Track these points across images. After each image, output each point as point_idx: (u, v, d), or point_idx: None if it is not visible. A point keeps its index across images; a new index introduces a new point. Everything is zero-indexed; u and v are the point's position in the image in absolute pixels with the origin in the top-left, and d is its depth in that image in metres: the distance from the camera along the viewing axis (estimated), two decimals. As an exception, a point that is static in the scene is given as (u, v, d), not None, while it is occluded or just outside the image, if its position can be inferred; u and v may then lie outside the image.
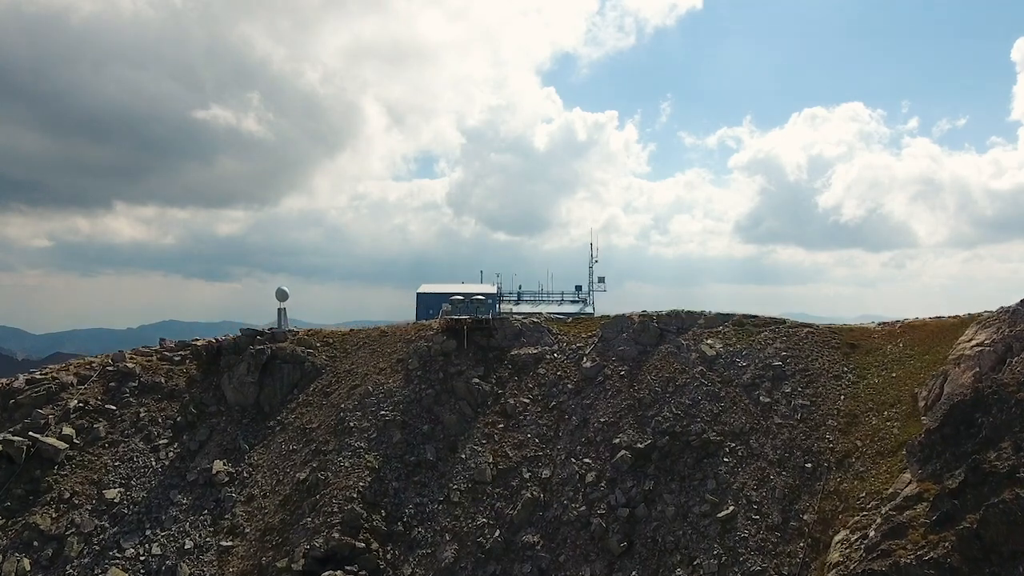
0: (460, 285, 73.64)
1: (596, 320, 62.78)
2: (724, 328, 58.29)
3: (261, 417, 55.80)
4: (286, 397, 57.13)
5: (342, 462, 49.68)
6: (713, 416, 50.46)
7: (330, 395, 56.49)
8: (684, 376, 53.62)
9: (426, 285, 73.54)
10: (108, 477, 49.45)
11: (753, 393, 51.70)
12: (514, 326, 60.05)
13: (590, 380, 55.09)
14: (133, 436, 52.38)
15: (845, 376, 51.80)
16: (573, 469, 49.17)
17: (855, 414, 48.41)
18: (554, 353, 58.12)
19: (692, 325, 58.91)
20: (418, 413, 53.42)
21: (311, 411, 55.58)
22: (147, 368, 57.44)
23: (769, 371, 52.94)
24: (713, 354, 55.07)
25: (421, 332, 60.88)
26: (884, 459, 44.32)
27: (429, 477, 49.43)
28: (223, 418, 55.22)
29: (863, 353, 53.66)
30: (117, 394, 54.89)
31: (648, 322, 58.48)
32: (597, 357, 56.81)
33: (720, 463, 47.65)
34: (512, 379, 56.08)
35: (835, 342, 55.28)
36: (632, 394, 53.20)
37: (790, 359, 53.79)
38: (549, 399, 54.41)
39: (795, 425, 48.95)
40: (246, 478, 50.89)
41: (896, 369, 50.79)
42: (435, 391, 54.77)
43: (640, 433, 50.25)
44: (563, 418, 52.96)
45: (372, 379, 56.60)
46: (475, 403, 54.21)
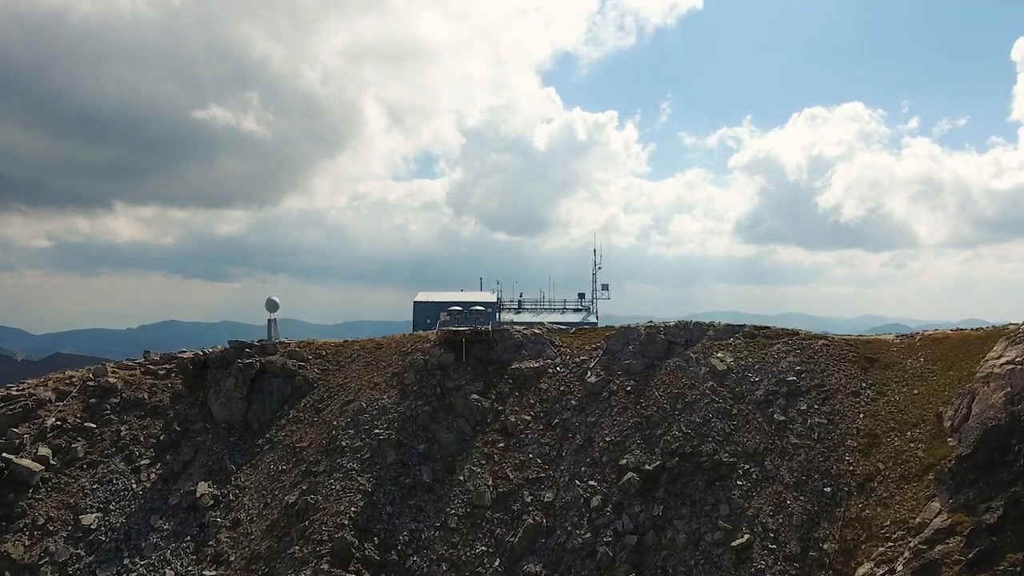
0: (459, 293, 70.99)
1: (600, 331, 60.08)
2: (735, 340, 55.60)
3: (249, 435, 53.10)
4: (276, 413, 54.43)
5: (333, 484, 46.97)
6: (725, 435, 47.80)
7: (322, 411, 53.80)
8: (694, 392, 50.94)
9: (423, 293, 70.85)
10: (85, 501, 46.79)
11: (767, 410, 49.04)
12: (514, 338, 57.34)
13: (595, 396, 52.41)
14: (113, 456, 49.71)
15: (864, 392, 49.14)
16: (577, 492, 46.50)
17: (876, 434, 45.75)
18: (557, 367, 55.43)
19: (701, 337, 56.22)
20: (414, 431, 50.72)
21: (302, 428, 52.88)
22: (130, 383, 54.75)
23: (783, 387, 50.29)
24: (724, 368, 52.38)
25: (417, 344, 58.19)
26: (909, 484, 41.66)
27: (425, 501, 46.73)
28: (209, 436, 52.53)
29: (882, 368, 50.98)
30: (97, 411, 52.21)
31: (655, 334, 55.80)
32: (602, 371, 54.13)
33: (733, 486, 44.99)
34: (513, 394, 53.40)
35: (852, 355, 52.60)
36: (639, 411, 50.53)
37: (805, 374, 51.13)
38: (552, 416, 51.73)
39: (812, 445, 46.29)
40: (232, 501, 48.19)
41: (918, 385, 48.10)
42: (432, 408, 52.07)
43: (648, 453, 47.58)
44: (566, 437, 50.28)
45: (366, 394, 53.90)
46: (474, 420, 51.53)
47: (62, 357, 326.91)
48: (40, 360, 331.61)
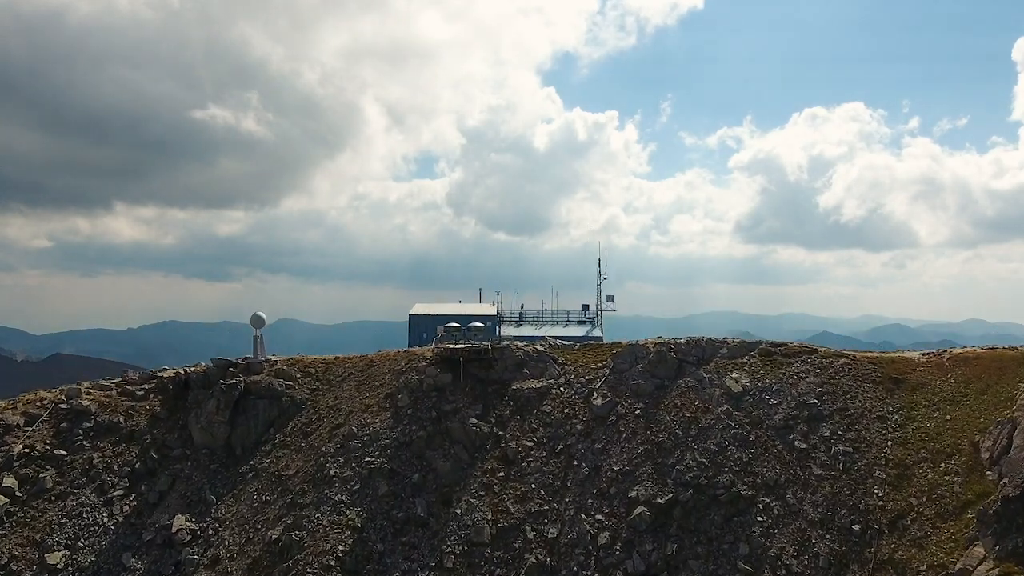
0: (457, 305, 67.65)
1: (606, 348, 56.62)
2: (750, 359, 52.16)
3: (232, 461, 49.68)
4: (261, 438, 51.00)
5: (320, 519, 43.55)
6: (742, 465, 44.37)
7: (310, 436, 50.39)
8: (708, 416, 47.52)
9: (420, 305, 67.47)
10: (52, 537, 43.41)
11: (787, 437, 45.59)
12: (515, 356, 53.89)
13: (601, 420, 48.98)
14: (84, 487, 46.34)
15: (891, 417, 45.70)
16: (584, 528, 43.04)
17: (906, 464, 42.31)
18: (560, 387, 52.00)
19: (714, 355, 52.79)
20: (408, 459, 47.29)
21: (288, 455, 49.45)
22: (105, 405, 51.36)
23: (804, 410, 46.85)
24: (739, 390, 48.96)
25: (412, 362, 54.74)
26: (945, 523, 38.23)
27: (419, 537, 43.29)
28: (188, 463, 49.10)
29: (909, 390, 47.54)
30: (69, 437, 48.84)
31: (665, 352, 52.35)
32: (609, 392, 50.68)
33: (753, 523, 41.55)
34: (514, 418, 49.96)
35: (876, 375, 49.17)
36: (649, 437, 47.09)
37: (827, 396, 47.69)
38: (555, 442, 48.30)
39: (837, 477, 42.85)
40: (211, 536, 44.76)
41: (950, 410, 44.65)
42: (427, 433, 48.62)
43: (660, 485, 44.14)
44: (571, 465, 46.86)
45: (357, 417, 50.49)
46: (472, 447, 48.10)
47: (62, 358, 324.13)
48: (40, 360, 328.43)
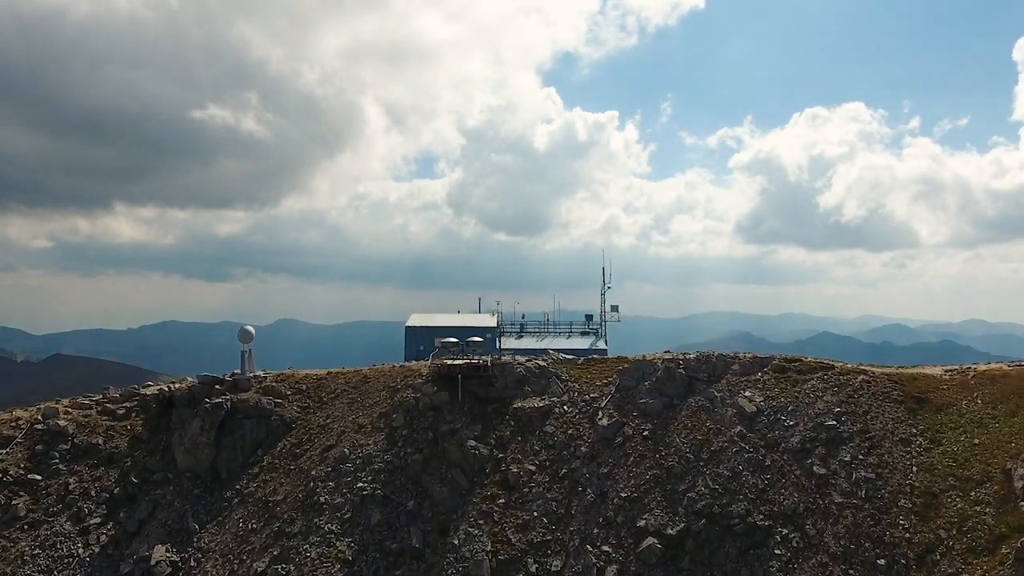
0: (455, 316, 65.03)
1: (612, 363, 53.94)
2: (763, 375, 49.55)
3: (217, 486, 47.03)
4: (248, 460, 48.36)
5: (308, 551, 40.92)
6: (758, 492, 41.74)
7: (299, 458, 47.75)
8: (720, 439, 44.89)
9: (416, 316, 64.79)
10: (24, 571, 40.75)
11: (805, 462, 42.96)
12: (516, 372, 51.26)
13: (607, 442, 46.35)
14: (59, 515, 43.68)
15: (915, 441, 43.09)
16: (589, 560, 40.41)
17: (933, 493, 39.70)
18: (564, 405, 49.36)
19: (725, 371, 50.16)
20: (402, 484, 44.65)
21: (277, 478, 46.81)
22: (83, 426, 48.71)
23: (822, 432, 44.23)
24: (753, 410, 46.35)
25: (408, 378, 52.11)
26: (978, 559, 35.65)
27: (414, 571, 40.64)
28: (170, 488, 46.44)
29: (933, 410, 44.93)
30: (44, 460, 46.19)
31: (674, 369, 49.72)
32: (615, 412, 48.07)
33: (771, 556, 38.93)
34: (515, 439, 47.32)
35: (897, 394, 46.57)
36: (658, 461, 44.47)
37: (846, 417, 45.08)
38: (559, 465, 45.66)
39: (859, 506, 40.23)
40: (192, 568, 42.10)
41: (978, 434, 42.04)
42: (423, 456, 45.98)
43: (670, 514, 41.51)
44: (576, 491, 44.21)
45: (349, 439, 47.87)
46: (471, 471, 45.45)
47: (62, 358, 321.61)
48: (40, 361, 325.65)
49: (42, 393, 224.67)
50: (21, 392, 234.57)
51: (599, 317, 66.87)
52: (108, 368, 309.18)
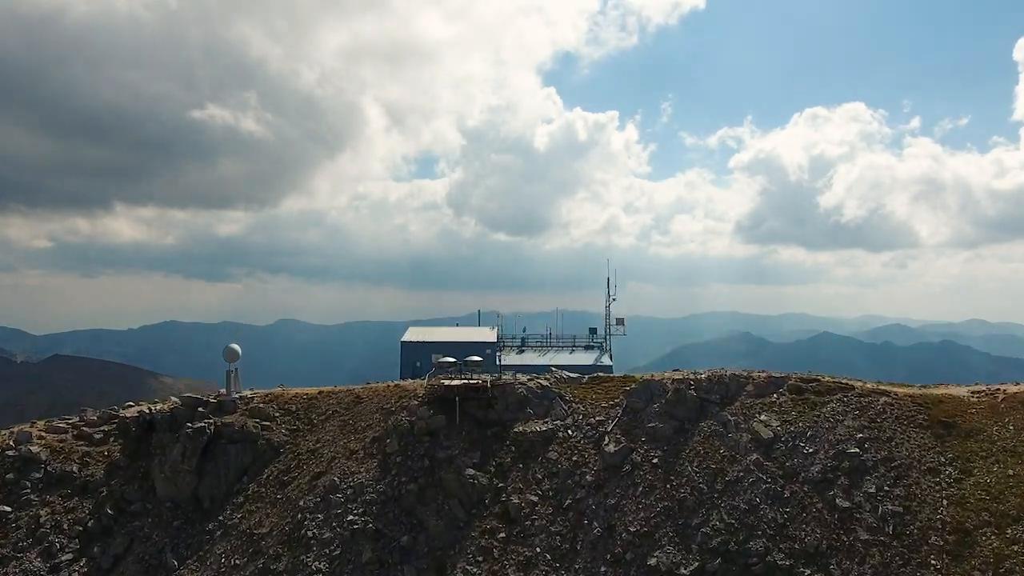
0: (453, 330, 62.25)
1: (618, 382, 51.08)
2: (779, 397, 46.72)
3: (198, 516, 44.19)
4: (232, 488, 45.52)
5: (294, 591, 38.09)
6: (777, 528, 38.93)
7: (287, 486, 44.93)
8: (735, 468, 42.07)
9: (413, 330, 61.91)
10: (-12, 613, 37.94)
11: (827, 493, 40.15)
12: (517, 393, 48.42)
13: (615, 470, 43.54)
14: (28, 550, 40.89)
15: (944, 471, 40.28)
16: (597, 602, 37.62)
17: (966, 529, 36.91)
18: (568, 429, 46.54)
19: (739, 393, 47.35)
20: (396, 517, 41.83)
21: (262, 508, 43.98)
22: (58, 452, 45.90)
23: (844, 461, 41.43)
24: (770, 436, 43.54)
25: (403, 399, 49.27)
26: (1020, 606, 32.88)
27: (408, 614, 37.82)
28: (148, 520, 43.61)
29: (962, 437, 42.10)
30: (15, 490, 43.41)
31: (684, 390, 46.90)
32: (622, 437, 45.24)
33: (792, 599, 36.12)
34: (516, 467, 44.49)
35: (922, 418, 43.73)
36: (669, 492, 41.64)
37: (869, 443, 42.27)
38: (563, 495, 42.83)
39: (887, 543, 37.43)
40: (171, 609, 39.30)
41: (1011, 463, 39.24)
42: (418, 485, 43.16)
43: (683, 551, 38.69)
44: (581, 523, 41.38)
45: (340, 466, 45.04)
46: (469, 502, 42.62)
47: (61, 359, 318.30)
48: (40, 361, 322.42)
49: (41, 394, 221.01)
50: (20, 393, 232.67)
51: (603, 330, 64.03)
52: (108, 369, 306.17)
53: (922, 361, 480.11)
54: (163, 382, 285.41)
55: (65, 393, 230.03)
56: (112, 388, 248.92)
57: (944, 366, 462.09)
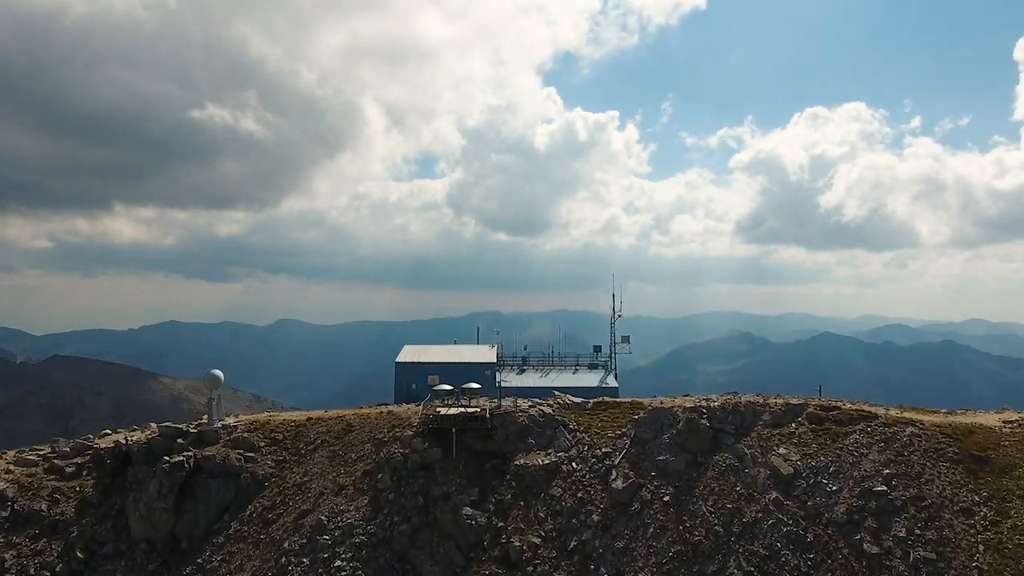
0: (451, 349, 59.13)
1: (624, 408, 48.02)
2: (797, 427, 43.73)
3: (176, 559, 41.14)
4: (212, 526, 42.47)
5: (276, 648, 35.07)
6: (801, 576, 35.92)
7: (271, 524, 41.89)
8: (753, 508, 39.07)
9: (408, 350, 58.82)
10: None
11: (853, 537, 37.16)
12: (518, 422, 45.40)
13: (623, 508, 40.52)
14: (-10, 599, 37.78)
15: (978, 511, 37.33)
16: (605, 660, 34.60)
17: (1006, 579, 33.95)
18: (572, 462, 43.52)
19: (754, 422, 44.35)
20: (387, 562, 38.82)
21: (244, 550, 40.93)
22: (26, 487, 42.81)
23: (870, 500, 38.45)
24: (790, 471, 40.53)
25: (396, 428, 46.23)
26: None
27: (399, 673, 34.82)
28: (122, 563, 40.58)
29: (996, 473, 39.15)
30: (-22, 531, 40.25)
31: (696, 420, 43.88)
32: (631, 471, 42.23)
33: (819, 659, 33.14)
34: (516, 504, 41.47)
35: (953, 452, 40.79)
36: (682, 534, 38.62)
37: (896, 480, 39.29)
38: (567, 536, 39.80)
39: (921, 595, 34.44)
40: (143, 665, 36.27)
41: (1053, 505, 36.24)
42: (411, 526, 40.16)
43: (698, 602, 35.66)
44: (587, 568, 38.37)
45: (328, 503, 42.02)
46: (466, 544, 39.61)
47: (61, 359, 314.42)
48: (40, 362, 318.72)
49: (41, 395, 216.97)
50: (19, 395, 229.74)
51: (608, 347, 60.99)
52: (108, 369, 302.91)
53: (923, 361, 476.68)
54: (163, 383, 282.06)
55: (65, 394, 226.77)
56: (112, 389, 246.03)
57: (945, 366, 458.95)
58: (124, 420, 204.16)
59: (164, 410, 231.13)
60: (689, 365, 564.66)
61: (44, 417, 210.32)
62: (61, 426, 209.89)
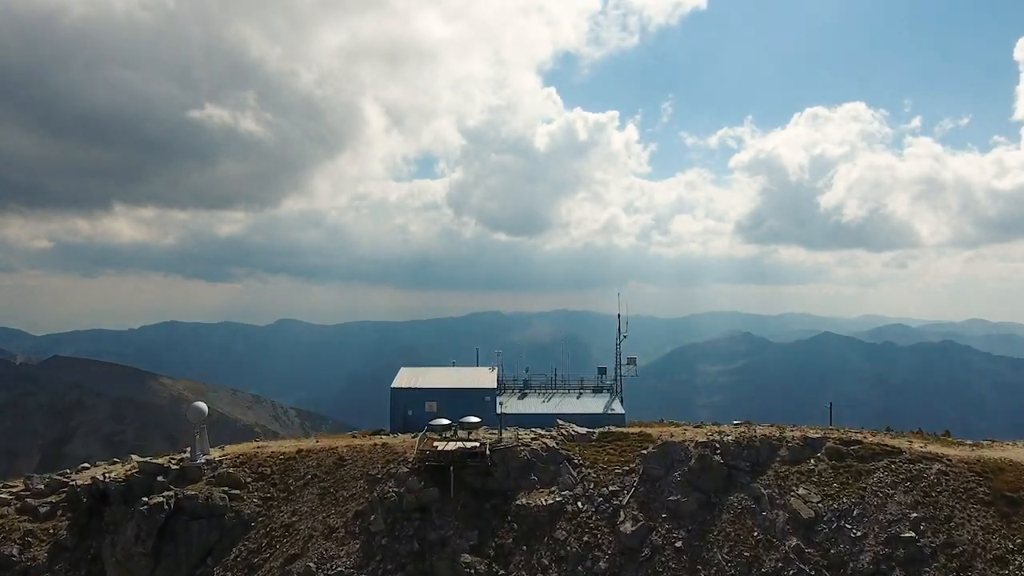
0: (449, 372, 56.49)
1: (632, 440, 45.44)
2: (817, 464, 41.20)
3: (155, 609, 38.53)
4: (195, 571, 39.86)
5: None
6: (826, 634, 33.36)
7: (256, 571, 39.28)
8: (772, 555, 36.53)
9: (405, 373, 56.15)
10: None
11: (881, 590, 34.59)
12: (520, 458, 42.80)
13: (632, 554, 37.94)
14: (-47, 658, 35.18)
15: (1013, 560, 34.91)
16: None
17: (1048, 641, 31.39)
18: (578, 501, 40.93)
19: (771, 458, 41.83)
20: (380, 615, 36.21)
21: (228, 599, 38.34)
22: (-4, 530, 40.16)
23: (898, 547, 35.93)
24: (810, 515, 37.97)
25: (391, 464, 43.61)
26: None
27: None
28: (97, 614, 38.00)
29: (1032, 516, 36.56)
30: (-58, 580, 37.65)
31: (709, 456, 41.34)
32: (640, 513, 39.64)
33: None
34: (519, 549, 38.87)
35: (983, 492, 38.29)
36: (697, 585, 36.03)
37: (925, 524, 36.76)
38: (573, 585, 37.21)
39: (956, 657, 31.88)
40: None
41: (1095, 555, 33.68)
42: (406, 574, 37.54)
43: (715, 663, 33.09)
44: (595, 622, 35.79)
45: (317, 547, 39.41)
46: (465, 595, 36.98)
47: (61, 360, 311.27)
48: (39, 363, 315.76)
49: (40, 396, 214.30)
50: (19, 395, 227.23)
51: (612, 369, 58.37)
52: (108, 370, 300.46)
53: (923, 361, 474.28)
54: (163, 383, 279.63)
55: (64, 395, 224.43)
56: (112, 389, 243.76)
57: (945, 366, 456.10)
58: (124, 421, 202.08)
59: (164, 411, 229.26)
60: (689, 365, 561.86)
61: (43, 418, 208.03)
62: (60, 427, 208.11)
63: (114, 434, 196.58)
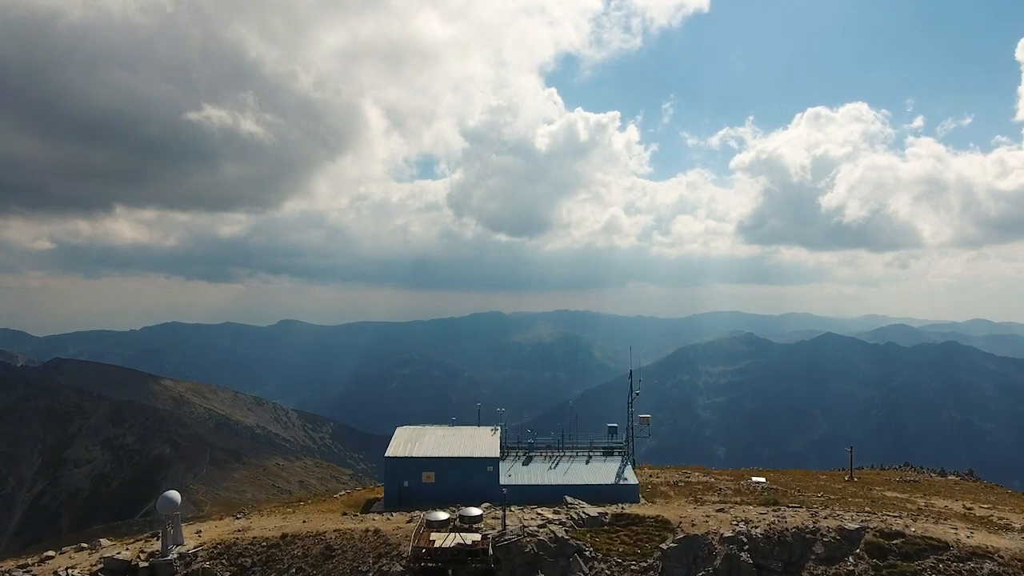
0: (448, 435, 52.27)
1: (650, 528, 41.27)
2: (857, 564, 37.07)
3: None
4: None
5: None
6: None
7: None
8: None
9: (400, 434, 51.96)
10: None
11: None
12: (525, 553, 38.67)
13: (653, 676, 33.77)
14: None
15: None
16: None
17: None
18: (590, 606, 36.76)
19: (805, 556, 37.66)
20: None
21: None
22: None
23: (953, 673, 31.71)
24: (852, 631, 33.79)
25: (383, 560, 39.43)
26: None
27: None
28: None
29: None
30: None
31: (736, 555, 37.20)
32: (660, 624, 35.46)
33: None
34: (525, 668, 34.71)
35: (1044, 601, 34.06)
36: None
37: (982, 645, 32.56)
38: None
39: None
40: None
41: None
42: None
43: None
44: None
45: (300, 663, 35.24)
46: None
47: (62, 362, 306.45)
48: (41, 365, 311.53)
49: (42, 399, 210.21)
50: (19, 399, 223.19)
51: (624, 429, 54.10)
52: (109, 372, 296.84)
53: (925, 362, 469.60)
54: (164, 385, 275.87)
55: (65, 399, 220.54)
56: (113, 392, 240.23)
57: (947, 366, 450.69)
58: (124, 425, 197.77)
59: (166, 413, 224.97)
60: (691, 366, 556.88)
61: (43, 422, 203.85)
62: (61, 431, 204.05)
63: (115, 437, 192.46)
